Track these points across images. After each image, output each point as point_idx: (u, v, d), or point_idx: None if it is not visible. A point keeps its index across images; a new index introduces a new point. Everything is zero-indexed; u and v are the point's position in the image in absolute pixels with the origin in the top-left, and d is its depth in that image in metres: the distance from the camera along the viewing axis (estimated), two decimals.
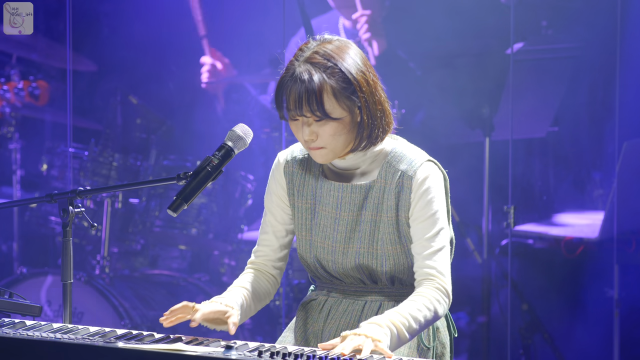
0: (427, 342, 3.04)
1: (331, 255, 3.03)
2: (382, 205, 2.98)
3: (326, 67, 2.89)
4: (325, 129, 2.90)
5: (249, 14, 6.16)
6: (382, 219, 2.98)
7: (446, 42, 5.69)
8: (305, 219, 3.08)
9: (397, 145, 3.03)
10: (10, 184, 6.02)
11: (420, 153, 3.02)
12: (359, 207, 3.00)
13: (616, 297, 5.31)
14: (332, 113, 2.88)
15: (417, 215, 2.96)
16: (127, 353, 2.67)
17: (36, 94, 5.95)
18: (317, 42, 2.96)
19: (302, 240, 3.09)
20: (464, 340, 5.96)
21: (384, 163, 2.99)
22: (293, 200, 3.09)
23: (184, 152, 5.94)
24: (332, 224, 3.02)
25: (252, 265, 3.17)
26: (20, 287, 5.56)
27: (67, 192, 3.07)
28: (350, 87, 2.90)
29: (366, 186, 2.99)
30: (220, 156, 2.97)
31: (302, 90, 2.87)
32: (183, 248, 6.01)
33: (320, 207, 3.04)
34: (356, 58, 2.94)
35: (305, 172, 3.09)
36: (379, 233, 2.98)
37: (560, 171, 6.04)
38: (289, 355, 2.62)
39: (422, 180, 2.96)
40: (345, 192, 3.01)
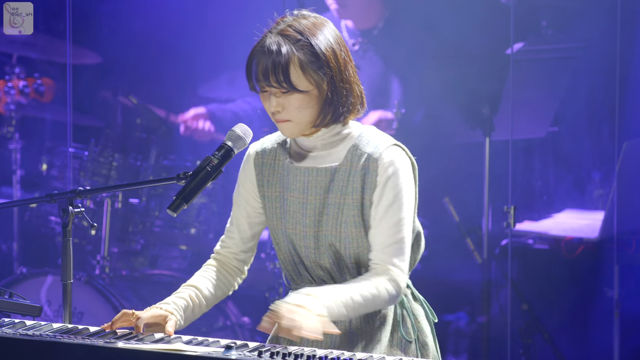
0: (408, 336, 3.04)
1: (303, 240, 3.03)
2: (348, 187, 2.98)
3: (296, 40, 2.91)
4: (291, 101, 2.92)
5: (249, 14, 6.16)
6: (346, 202, 2.98)
7: (446, 42, 5.69)
8: (276, 208, 3.08)
9: (365, 130, 3.03)
10: (10, 184, 6.02)
11: (388, 138, 3.02)
12: (325, 190, 3.00)
13: (616, 297, 5.32)
14: (298, 85, 2.90)
15: (379, 200, 2.95)
16: (127, 353, 2.67)
17: (41, 90, 5.95)
18: (293, 17, 2.99)
19: (275, 230, 3.09)
20: (464, 340, 5.96)
21: (350, 146, 3.00)
22: (263, 191, 3.09)
23: (184, 152, 5.94)
24: (300, 209, 3.02)
25: (216, 256, 3.19)
26: (20, 287, 5.56)
27: (67, 192, 3.07)
28: (318, 62, 2.91)
29: (332, 169, 3.00)
30: (220, 156, 2.97)
31: (269, 61, 2.90)
32: (183, 248, 6.01)
33: (289, 194, 3.04)
34: (329, 35, 2.95)
35: (275, 161, 3.09)
36: (343, 216, 2.98)
37: (560, 171, 6.04)
38: (289, 355, 2.62)
39: (388, 163, 2.95)
40: (311, 175, 3.01)
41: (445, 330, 5.91)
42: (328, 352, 2.68)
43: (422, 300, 3.13)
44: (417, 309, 3.10)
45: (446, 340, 5.94)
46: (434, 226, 5.85)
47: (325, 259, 3.03)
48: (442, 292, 5.80)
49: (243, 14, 6.19)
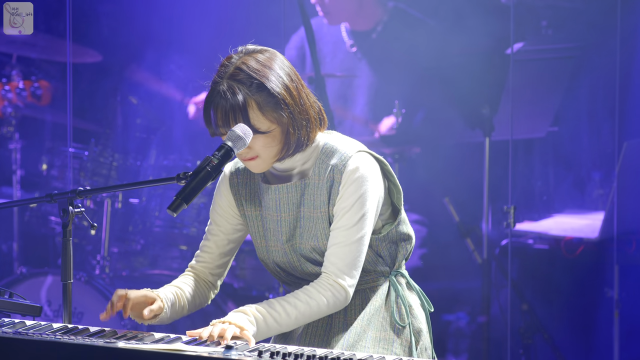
0: (400, 320, 3.05)
1: (284, 256, 3.07)
2: (316, 201, 3.00)
3: (250, 84, 2.92)
4: (256, 142, 2.94)
5: (249, 14, 6.16)
6: (317, 215, 3.00)
7: (446, 42, 5.69)
8: (258, 227, 3.11)
9: (330, 139, 3.04)
10: (10, 184, 6.02)
11: (352, 145, 3.03)
12: (297, 205, 3.03)
13: (616, 297, 5.31)
14: (259, 128, 2.92)
15: (339, 205, 2.97)
16: (127, 353, 2.67)
17: (38, 94, 5.94)
18: (239, 56, 3.00)
19: (260, 248, 3.13)
20: (464, 340, 5.96)
21: (317, 160, 3.01)
22: (243, 210, 3.13)
23: (184, 152, 5.94)
24: (276, 227, 3.05)
25: (191, 269, 3.22)
26: (20, 287, 5.56)
27: (67, 192, 3.07)
28: (273, 100, 2.93)
29: (302, 184, 3.02)
30: (220, 156, 2.97)
31: (227, 108, 2.91)
32: (183, 248, 6.01)
33: (266, 213, 3.07)
34: (279, 71, 2.96)
35: (250, 181, 3.12)
36: (316, 228, 3.01)
37: (560, 171, 6.04)
38: (289, 355, 2.62)
39: (352, 171, 2.97)
40: (282, 193, 3.03)
41: (445, 330, 5.91)
42: (328, 352, 2.68)
43: (417, 290, 3.15)
44: (412, 297, 3.12)
45: (446, 340, 5.94)
46: (434, 226, 5.86)
47: (309, 267, 3.06)
48: (442, 292, 5.81)
49: (243, 14, 6.20)
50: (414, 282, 3.16)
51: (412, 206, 5.78)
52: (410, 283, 3.14)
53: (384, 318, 3.06)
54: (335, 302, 2.96)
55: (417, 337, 3.08)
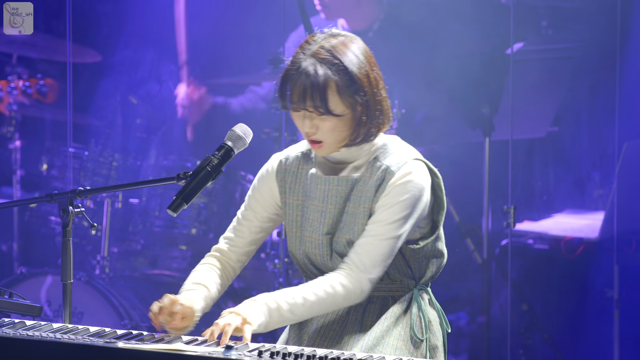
0: (419, 334, 3.05)
1: (319, 249, 3.04)
2: (362, 197, 2.99)
3: (332, 64, 2.91)
4: (326, 124, 2.93)
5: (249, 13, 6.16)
6: (359, 211, 2.99)
7: (446, 41, 5.69)
8: (296, 216, 3.09)
9: (389, 141, 3.04)
10: (10, 184, 6.02)
11: (411, 151, 3.03)
12: (344, 199, 3.02)
13: (616, 297, 5.31)
14: (334, 110, 2.91)
15: (381, 202, 2.97)
16: (127, 353, 2.67)
17: (44, 91, 5.94)
18: (323, 36, 2.97)
19: (293, 237, 3.10)
20: (464, 340, 5.96)
21: (372, 158, 3.01)
22: (285, 197, 3.11)
23: (184, 152, 5.94)
24: (319, 217, 3.04)
25: (218, 255, 3.19)
26: (20, 287, 5.56)
27: (67, 192, 3.07)
28: (353, 85, 2.92)
29: (352, 179, 3.01)
30: (220, 156, 2.97)
31: (307, 85, 2.89)
32: (183, 248, 6.01)
33: (309, 202, 3.06)
34: (361, 56, 2.95)
35: (298, 169, 3.10)
36: (357, 225, 2.99)
37: (560, 171, 6.04)
38: (289, 355, 2.62)
39: (403, 175, 2.96)
40: (331, 184, 3.02)
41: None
42: (328, 352, 2.68)
43: (439, 309, 3.13)
44: (432, 314, 3.11)
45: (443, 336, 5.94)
46: None
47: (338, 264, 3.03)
48: (442, 292, 5.80)
49: (244, 14, 6.20)
50: (436, 300, 3.15)
51: None
52: (433, 300, 3.13)
53: (402, 328, 3.04)
54: (352, 294, 2.94)
55: (432, 353, 3.07)
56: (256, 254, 5.94)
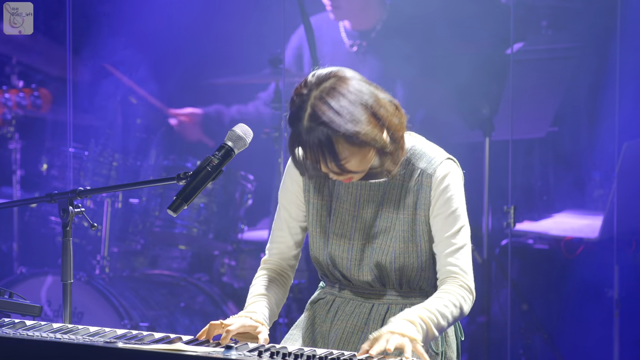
0: (435, 347, 3.04)
1: (347, 252, 3.02)
2: (400, 202, 2.98)
3: (331, 122, 2.80)
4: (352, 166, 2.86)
5: (250, 14, 6.16)
6: (398, 217, 2.98)
7: (446, 42, 5.69)
8: (320, 216, 3.06)
9: (416, 142, 3.03)
10: (10, 184, 6.02)
11: (440, 151, 3.02)
12: (377, 204, 3.00)
13: (616, 297, 5.31)
14: (351, 161, 2.83)
15: (437, 212, 2.97)
16: (127, 353, 2.67)
17: (38, 103, 5.94)
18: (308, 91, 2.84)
19: (316, 238, 3.07)
20: (464, 340, 5.96)
21: (403, 161, 2.98)
22: (308, 196, 3.07)
23: (184, 152, 5.94)
24: (350, 222, 3.01)
25: (267, 264, 3.14)
26: (20, 287, 5.56)
27: (67, 192, 3.07)
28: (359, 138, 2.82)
29: (385, 183, 2.99)
30: (220, 156, 2.97)
31: (317, 153, 2.81)
32: (183, 248, 6.01)
33: (338, 205, 3.03)
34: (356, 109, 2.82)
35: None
36: (394, 230, 2.98)
37: (560, 171, 6.04)
38: (289, 355, 2.62)
39: (442, 178, 2.96)
40: (364, 189, 3.00)
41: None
42: (328, 352, 2.68)
43: None
44: None
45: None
46: None
47: (367, 272, 3.02)
48: None
49: (244, 14, 6.20)
50: None
51: None
52: None
53: None
54: (468, 306, 2.95)
55: None
56: (256, 253, 5.95)
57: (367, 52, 5.89)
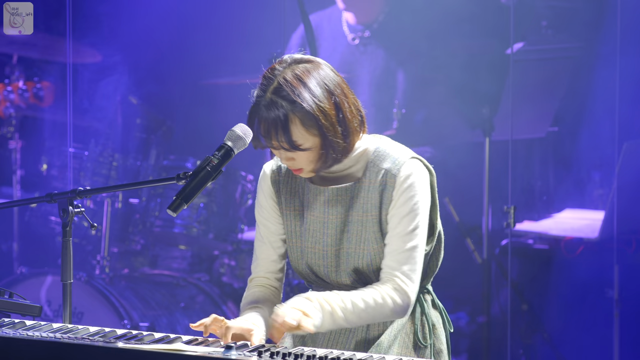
0: (423, 340, 3.04)
1: (323, 259, 3.03)
2: (367, 204, 2.98)
3: (291, 100, 2.87)
4: (300, 155, 2.91)
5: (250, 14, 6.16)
6: (367, 218, 2.98)
7: (446, 42, 5.69)
8: (295, 226, 3.07)
9: (381, 144, 3.02)
10: (10, 184, 6.02)
11: (405, 151, 3.01)
12: (346, 208, 3.00)
13: (616, 297, 5.31)
14: (302, 145, 2.89)
15: (395, 211, 2.95)
16: (127, 353, 2.67)
17: (41, 95, 5.94)
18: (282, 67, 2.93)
19: (293, 248, 3.08)
20: (464, 340, 5.96)
21: (368, 162, 2.99)
22: (281, 208, 3.09)
23: (184, 152, 5.94)
24: (321, 228, 3.02)
25: (254, 282, 3.15)
26: (20, 287, 5.56)
27: (67, 192, 3.07)
28: (313, 120, 2.88)
29: (352, 187, 2.99)
30: (220, 156, 2.96)
31: (269, 121, 2.87)
32: (183, 248, 6.01)
33: (309, 212, 3.04)
34: (317, 89, 2.89)
35: (292, 179, 3.08)
36: (366, 232, 2.98)
37: (560, 171, 6.04)
38: (289, 355, 2.62)
39: (406, 177, 2.95)
40: (331, 194, 3.01)
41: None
42: (328, 352, 2.68)
43: (441, 308, 3.13)
44: (436, 316, 3.11)
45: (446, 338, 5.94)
46: None
47: (345, 277, 3.02)
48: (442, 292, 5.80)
49: (244, 14, 6.20)
50: (438, 300, 3.14)
51: None
52: (435, 301, 3.13)
53: (407, 335, 3.04)
54: (398, 307, 2.93)
55: (436, 357, 3.07)
56: None
57: (367, 52, 5.89)
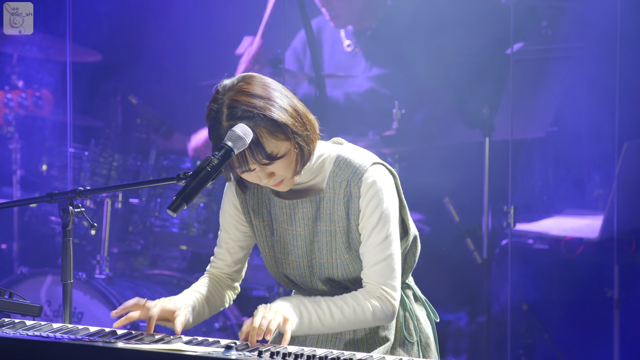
0: (410, 337, 3.05)
1: (297, 270, 3.05)
2: (334, 215, 2.98)
3: (252, 116, 2.84)
4: (278, 165, 2.90)
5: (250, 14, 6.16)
6: (336, 229, 2.98)
7: (446, 42, 5.69)
8: (266, 237, 3.09)
9: (342, 151, 3.01)
10: (10, 184, 6.02)
11: (366, 157, 3.00)
12: (312, 220, 3.01)
13: (616, 297, 5.31)
14: (277, 153, 2.87)
15: (365, 223, 2.95)
16: (127, 353, 2.67)
17: (40, 104, 5.94)
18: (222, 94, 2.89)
19: (267, 257, 3.11)
20: (464, 340, 5.96)
21: (330, 173, 2.99)
22: (250, 218, 3.10)
23: (184, 152, 5.94)
24: (291, 240, 3.04)
25: (209, 274, 3.20)
26: (20, 287, 5.56)
27: (67, 192, 3.07)
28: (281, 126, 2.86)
29: (316, 199, 2.99)
30: (220, 156, 2.96)
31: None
32: (183, 248, 6.01)
33: (277, 225, 3.05)
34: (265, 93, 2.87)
35: (257, 190, 3.09)
36: (335, 243, 2.99)
37: (560, 171, 6.04)
38: (289, 355, 2.62)
39: (369, 185, 2.94)
40: (297, 208, 3.01)
41: (445, 330, 5.92)
42: (328, 352, 2.68)
43: (423, 300, 3.13)
44: (419, 309, 3.11)
45: (446, 340, 5.94)
46: (434, 226, 5.85)
47: (321, 285, 3.04)
48: (442, 292, 5.81)
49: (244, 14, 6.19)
50: (419, 291, 3.15)
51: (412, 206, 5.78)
52: (417, 294, 3.13)
53: (392, 334, 3.05)
54: (381, 314, 2.93)
55: (424, 352, 3.07)
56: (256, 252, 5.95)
57: (367, 52, 5.89)
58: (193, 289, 3.12)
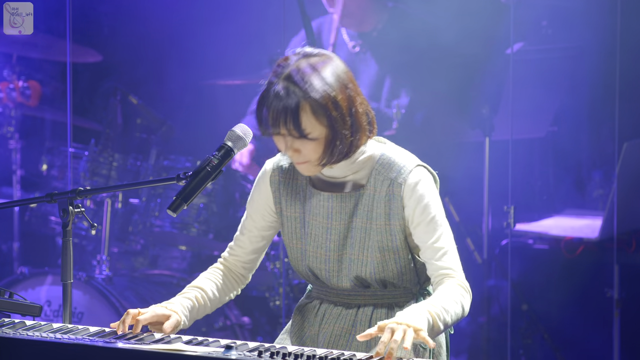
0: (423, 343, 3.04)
1: (325, 264, 3.04)
2: (372, 212, 2.98)
3: (302, 88, 2.85)
4: (306, 146, 2.89)
5: (250, 14, 6.16)
6: (372, 227, 2.98)
7: (446, 42, 5.69)
8: (295, 228, 3.08)
9: (386, 150, 3.02)
10: (10, 184, 6.02)
11: (409, 158, 3.02)
12: (349, 215, 3.00)
13: (616, 297, 5.31)
14: (310, 133, 2.87)
15: (417, 222, 2.96)
16: (127, 353, 2.67)
17: (27, 94, 5.93)
18: (296, 57, 2.92)
19: (293, 249, 3.10)
20: (464, 340, 5.96)
21: (372, 170, 2.99)
22: (280, 208, 3.09)
23: (184, 152, 5.94)
24: (324, 234, 3.02)
25: (223, 261, 3.20)
26: (20, 287, 5.56)
27: (67, 192, 3.07)
28: (323, 109, 2.87)
29: (356, 194, 2.99)
30: (220, 156, 2.97)
31: (279, 108, 2.85)
32: (183, 248, 6.01)
33: (311, 217, 3.04)
34: (331, 78, 2.88)
35: (292, 181, 3.08)
36: (369, 240, 2.99)
37: (560, 171, 6.04)
38: (289, 355, 2.62)
39: (414, 187, 2.96)
40: (335, 201, 3.01)
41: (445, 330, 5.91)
42: (328, 352, 2.68)
43: None
44: None
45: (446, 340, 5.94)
46: None
47: (346, 282, 3.03)
48: None
49: (244, 14, 6.20)
50: None
51: None
52: None
53: None
54: (468, 305, 2.96)
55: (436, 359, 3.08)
56: None
57: (368, 53, 5.89)
58: (195, 285, 3.12)
